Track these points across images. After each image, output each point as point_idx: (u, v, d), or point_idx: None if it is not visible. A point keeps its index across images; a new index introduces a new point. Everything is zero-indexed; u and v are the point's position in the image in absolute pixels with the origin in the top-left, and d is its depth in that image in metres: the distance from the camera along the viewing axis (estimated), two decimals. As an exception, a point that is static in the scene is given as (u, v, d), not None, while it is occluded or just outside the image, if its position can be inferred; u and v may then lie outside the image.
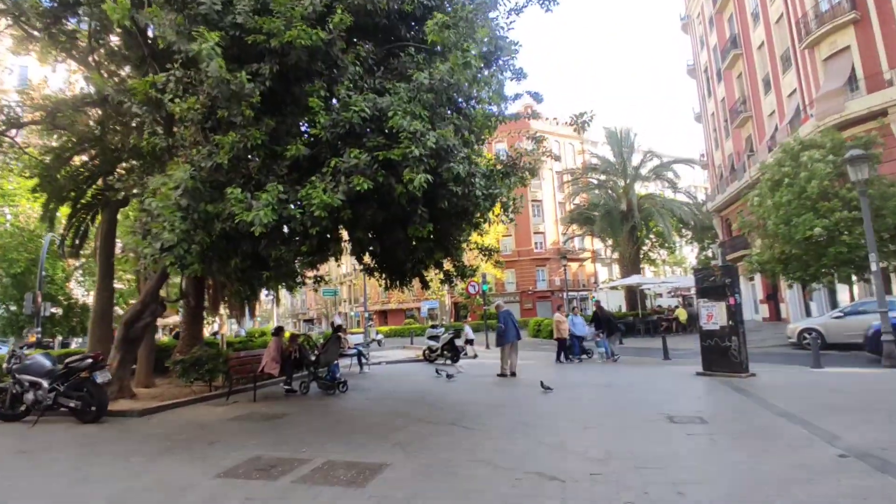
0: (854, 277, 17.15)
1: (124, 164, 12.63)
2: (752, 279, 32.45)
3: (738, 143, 32.62)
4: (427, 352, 16.70)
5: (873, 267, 11.24)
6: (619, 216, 30.66)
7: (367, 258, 10.42)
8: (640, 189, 33.21)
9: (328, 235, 6.96)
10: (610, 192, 32.26)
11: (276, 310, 42.11)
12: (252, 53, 6.65)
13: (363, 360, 14.11)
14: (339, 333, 13.82)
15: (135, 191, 9.70)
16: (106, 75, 10.22)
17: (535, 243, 57.89)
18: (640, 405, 7.79)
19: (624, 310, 32.42)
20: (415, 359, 17.60)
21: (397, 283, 11.79)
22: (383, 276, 11.95)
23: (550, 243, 58.06)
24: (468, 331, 18.18)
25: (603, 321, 15.96)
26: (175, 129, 8.69)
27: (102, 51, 10.47)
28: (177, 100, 6.83)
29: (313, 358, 10.52)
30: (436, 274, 12.33)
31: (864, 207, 11.50)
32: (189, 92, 7.16)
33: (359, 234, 7.23)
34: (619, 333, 16.74)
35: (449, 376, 11.57)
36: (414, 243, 7.90)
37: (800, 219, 16.24)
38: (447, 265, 11.15)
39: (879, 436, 5.41)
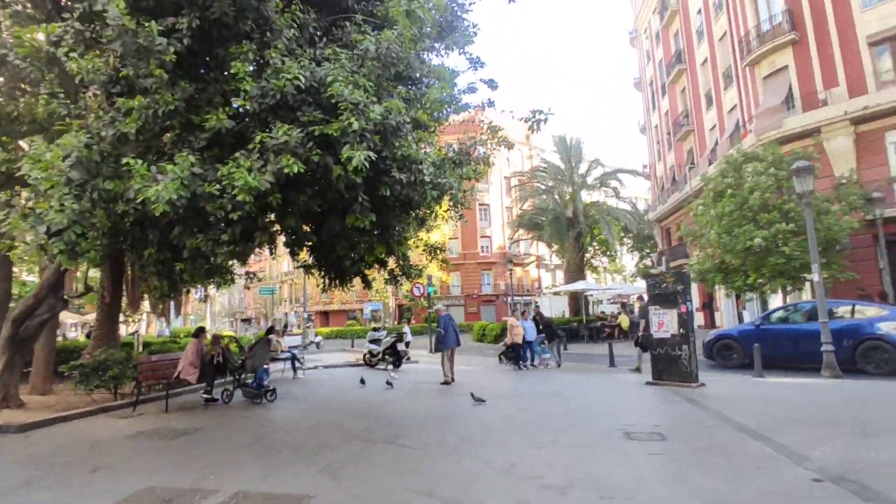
0: (789, 288, 17.67)
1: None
2: (689, 288, 33.48)
3: (679, 155, 33.60)
4: (368, 356, 15.80)
5: (815, 277, 11.38)
6: (565, 222, 30.79)
7: (303, 253, 9.44)
8: (585, 197, 33.56)
9: (256, 223, 6.02)
10: (557, 197, 32.37)
11: (210, 308, 39.44)
12: (169, 5, 5.66)
13: (297, 365, 13.05)
14: (271, 336, 12.72)
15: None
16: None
17: (482, 247, 57.90)
18: (594, 418, 7.30)
19: (567, 315, 32.61)
20: (354, 363, 16.64)
21: (337, 282, 10.90)
22: (322, 273, 11.05)
23: (497, 247, 58.22)
24: (407, 332, 17.30)
25: (543, 327, 15.89)
26: (80, 95, 7.47)
27: (6, 11, 9.10)
28: (75, 56, 5.73)
29: (239, 363, 9.43)
30: (379, 273, 11.52)
31: (809, 218, 11.65)
32: (91, 48, 6.06)
33: (290, 222, 6.30)
34: (559, 340, 16.47)
35: (388, 384, 10.74)
36: (355, 238, 7.06)
37: (741, 229, 16.55)
38: (391, 264, 10.37)
39: (846, 455, 5.09)
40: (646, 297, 17.00)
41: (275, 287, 31.67)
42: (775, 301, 22.57)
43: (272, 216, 6.82)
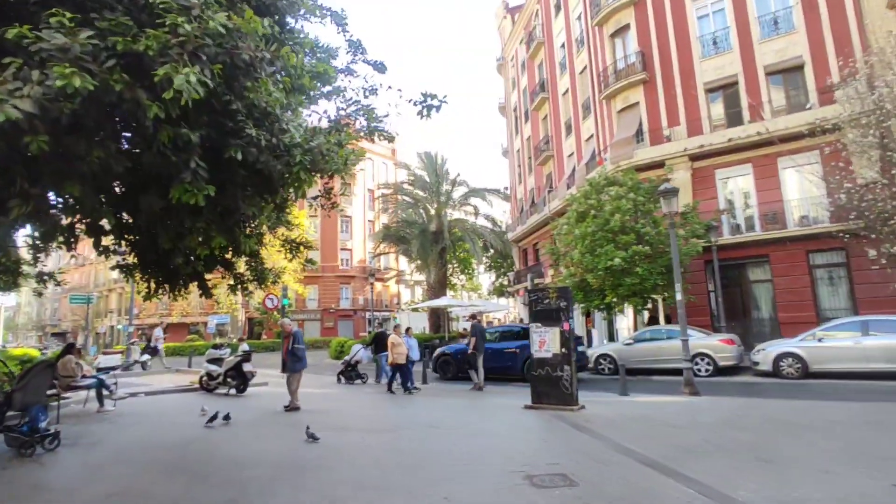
0: (639, 307, 18.70)
1: None
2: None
3: (539, 179, 35.17)
4: (205, 378, 13.18)
5: (678, 296, 11.74)
6: (431, 237, 30.29)
7: (107, 241, 7.07)
8: (449, 214, 33.55)
9: (8, 185, 3.89)
10: (422, 212, 31.83)
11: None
12: None
13: (106, 393, 10.16)
14: (68, 357, 9.76)
15: None
16: None
17: (342, 260, 55.60)
18: (484, 457, 6.17)
19: (428, 332, 32.00)
20: (188, 387, 13.82)
21: (165, 287, 8.60)
22: (144, 276, 8.66)
23: (357, 261, 56.35)
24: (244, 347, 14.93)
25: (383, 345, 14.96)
26: None
27: None
28: None
29: (2, 397, 6.70)
30: (223, 277, 9.39)
31: (673, 238, 12.08)
32: None
33: (73, 190, 4.20)
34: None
35: (225, 418, 8.59)
36: (184, 223, 5.15)
37: (602, 249, 17.11)
38: (240, 265, 8.39)
39: (768, 490, 4.56)
40: (478, 317, 17.35)
41: (91, 295, 26.35)
42: (620, 321, 24.14)
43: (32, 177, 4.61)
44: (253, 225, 5.91)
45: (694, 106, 21.78)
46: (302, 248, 8.92)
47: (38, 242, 10.11)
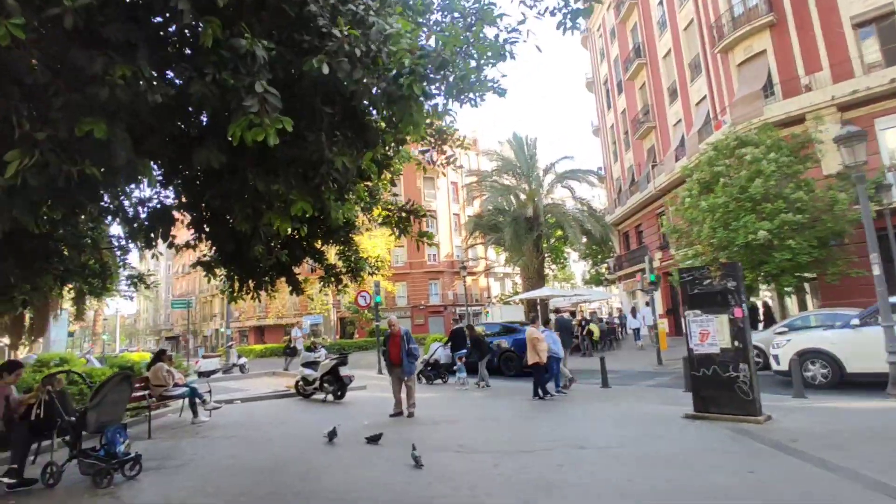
0: (787, 289, 15.64)
1: None
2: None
3: (639, 154, 32.02)
4: (301, 384, 12.24)
5: (875, 270, 9.03)
6: (525, 224, 28.26)
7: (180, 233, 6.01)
8: (541, 199, 31.23)
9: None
10: (513, 198, 29.87)
11: (112, 324, 34.15)
12: None
13: (198, 401, 9.33)
14: (159, 364, 8.99)
15: None
16: None
17: (429, 255, 54.75)
18: (685, 500, 4.31)
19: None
20: (284, 392, 12.99)
21: (248, 284, 7.50)
22: (228, 272, 7.64)
23: (444, 256, 55.34)
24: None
25: (472, 342, 13.74)
26: None
27: None
28: None
29: (74, 417, 5.76)
30: (315, 270, 8.17)
31: (863, 197, 9.34)
32: None
33: (94, 129, 2.78)
34: (491, 355, 14.18)
35: (331, 436, 7.27)
36: (257, 188, 3.73)
37: (740, 222, 14.37)
38: (330, 254, 7.08)
39: None
40: (561, 310, 15.39)
41: (190, 300, 27.08)
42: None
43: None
44: (346, 184, 4.40)
45: (839, 46, 18.14)
46: (412, 218, 7.30)
47: (123, 242, 9.50)
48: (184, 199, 5.42)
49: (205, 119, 3.88)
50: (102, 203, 5.93)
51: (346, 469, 5.90)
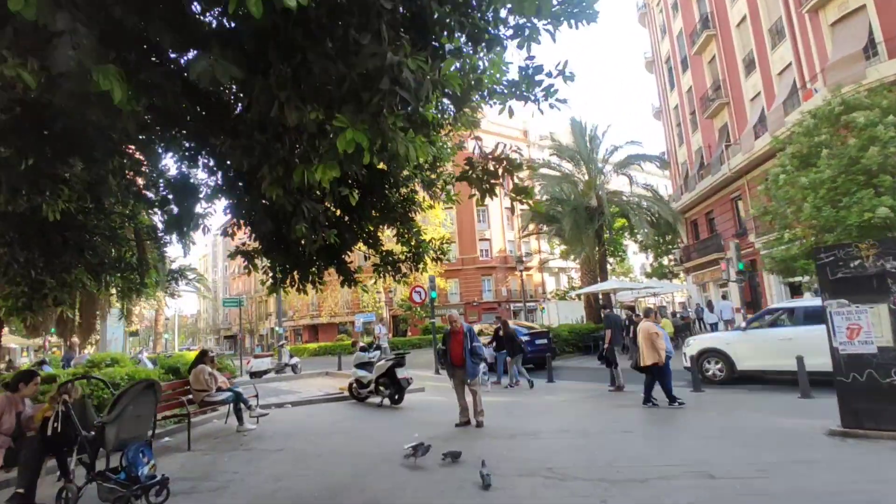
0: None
1: None
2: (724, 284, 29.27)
3: (709, 135, 29.52)
4: (355, 386, 11.26)
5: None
6: (585, 214, 26.46)
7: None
8: (603, 187, 29.28)
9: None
10: (571, 186, 28.07)
11: (168, 322, 34.81)
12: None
13: (244, 408, 8.44)
14: (202, 366, 8.16)
15: None
16: None
17: (481, 251, 53.49)
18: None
19: (584, 322, 28.27)
20: (337, 395, 12.08)
21: (293, 274, 6.50)
22: (270, 261, 6.68)
23: (497, 251, 53.91)
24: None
25: (506, 341, 13.16)
26: None
27: None
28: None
29: (92, 433, 4.86)
30: (369, 259, 7.08)
31: None
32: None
33: None
34: (522, 355, 13.23)
35: (421, 450, 5.95)
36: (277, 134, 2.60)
37: (853, 198, 12.29)
38: (384, 237, 5.96)
39: None
40: (609, 307, 13.58)
41: (241, 298, 26.93)
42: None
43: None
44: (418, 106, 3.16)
45: (961, -7, 15.54)
46: (447, 191, 6.15)
47: (160, 234, 8.74)
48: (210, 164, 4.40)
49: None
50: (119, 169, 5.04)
51: (413, 498, 4.74)
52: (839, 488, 4.39)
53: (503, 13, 3.59)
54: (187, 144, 4.84)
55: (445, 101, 4.39)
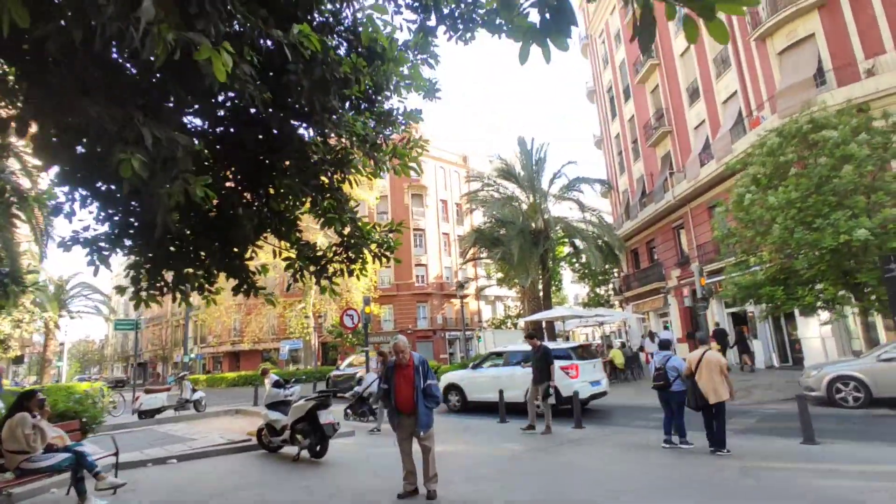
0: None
1: None
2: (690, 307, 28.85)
3: (651, 163, 29.46)
4: (265, 433, 8.77)
5: None
6: (530, 238, 25.19)
7: None
8: (548, 210, 28.31)
9: None
10: (517, 207, 26.87)
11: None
12: None
13: (88, 475, 5.80)
14: (20, 416, 5.53)
15: None
16: None
17: (417, 276, 51.41)
18: None
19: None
20: (243, 443, 9.48)
21: (161, 275, 4.23)
22: (133, 253, 4.34)
23: (433, 277, 52.04)
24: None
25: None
26: None
27: None
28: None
29: None
30: (282, 250, 4.93)
31: None
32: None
33: None
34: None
35: None
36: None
37: (827, 220, 11.45)
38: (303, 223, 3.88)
39: None
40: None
41: (138, 320, 23.24)
42: (808, 325, 17.90)
43: None
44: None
45: (905, 24, 15.72)
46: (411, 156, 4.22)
47: None
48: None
49: None
50: None
51: None
52: None
53: None
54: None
55: None
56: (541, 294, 26.79)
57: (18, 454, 5.34)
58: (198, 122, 3.89)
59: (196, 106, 3.45)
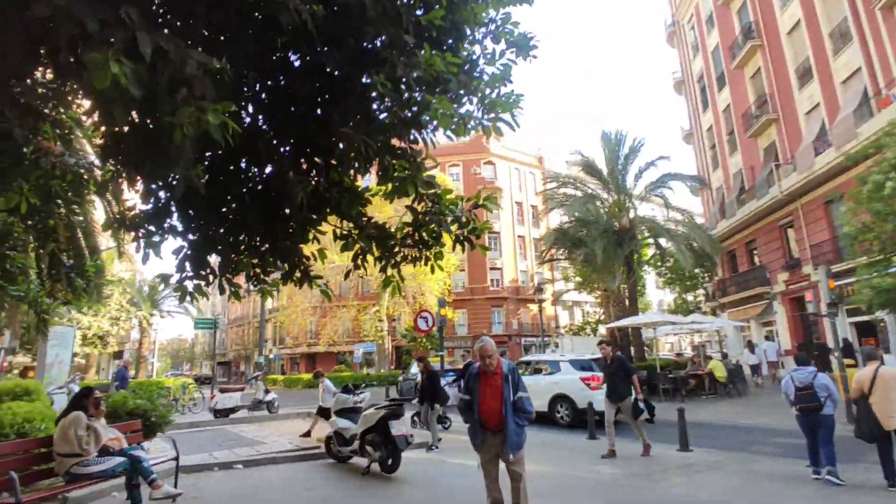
0: None
1: None
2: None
3: (751, 156, 26.67)
4: (334, 441, 8.12)
5: None
6: (614, 238, 23.47)
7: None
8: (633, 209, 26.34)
9: None
10: (600, 205, 25.20)
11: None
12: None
13: (141, 478, 5.32)
14: (76, 413, 5.13)
15: None
16: None
17: (492, 280, 50.30)
18: None
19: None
20: (311, 450, 8.92)
21: (205, 259, 3.48)
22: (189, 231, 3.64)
23: (508, 281, 50.69)
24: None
25: (428, 385, 9.49)
26: None
27: None
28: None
29: None
30: (340, 230, 4.11)
31: None
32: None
33: None
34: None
35: None
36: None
37: None
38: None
39: None
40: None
41: (217, 318, 23.95)
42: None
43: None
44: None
45: None
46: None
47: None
48: None
49: None
50: None
51: None
52: None
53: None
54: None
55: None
56: (626, 298, 24.95)
57: (70, 457, 4.92)
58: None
59: (226, 34, 2.72)
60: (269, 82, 3.31)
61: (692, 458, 8.00)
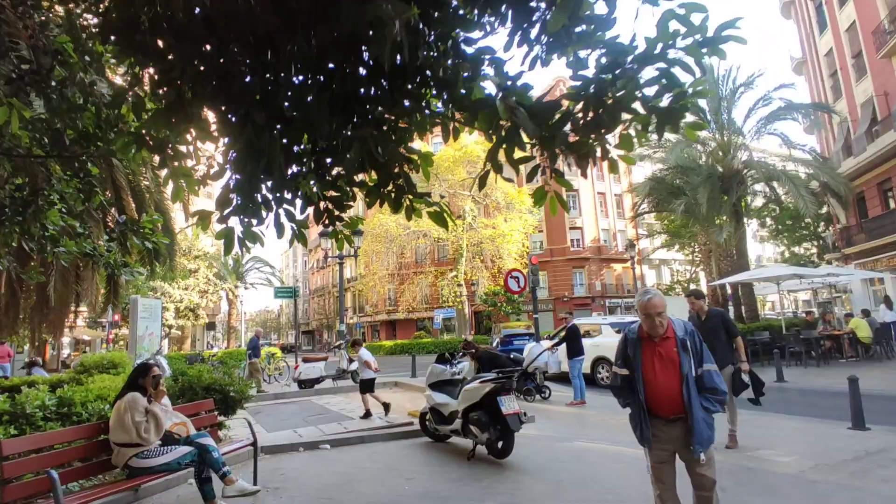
0: None
1: None
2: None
3: (885, 80, 22.55)
4: (429, 418, 7.03)
5: None
6: (719, 185, 20.76)
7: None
8: (743, 151, 23.18)
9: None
10: (701, 148, 22.38)
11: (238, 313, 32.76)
12: None
13: (212, 469, 4.41)
14: (130, 394, 4.22)
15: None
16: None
17: (572, 240, 47.84)
18: None
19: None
20: (404, 427, 7.93)
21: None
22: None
23: (590, 241, 48.02)
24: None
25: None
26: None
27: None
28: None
29: None
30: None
31: None
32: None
33: None
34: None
35: None
36: None
37: None
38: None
39: None
40: None
41: (296, 287, 23.79)
42: None
43: None
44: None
45: None
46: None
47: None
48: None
49: None
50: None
51: None
52: None
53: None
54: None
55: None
56: (734, 251, 22.22)
57: (127, 447, 4.04)
58: None
59: None
60: None
61: (875, 439, 6.18)
